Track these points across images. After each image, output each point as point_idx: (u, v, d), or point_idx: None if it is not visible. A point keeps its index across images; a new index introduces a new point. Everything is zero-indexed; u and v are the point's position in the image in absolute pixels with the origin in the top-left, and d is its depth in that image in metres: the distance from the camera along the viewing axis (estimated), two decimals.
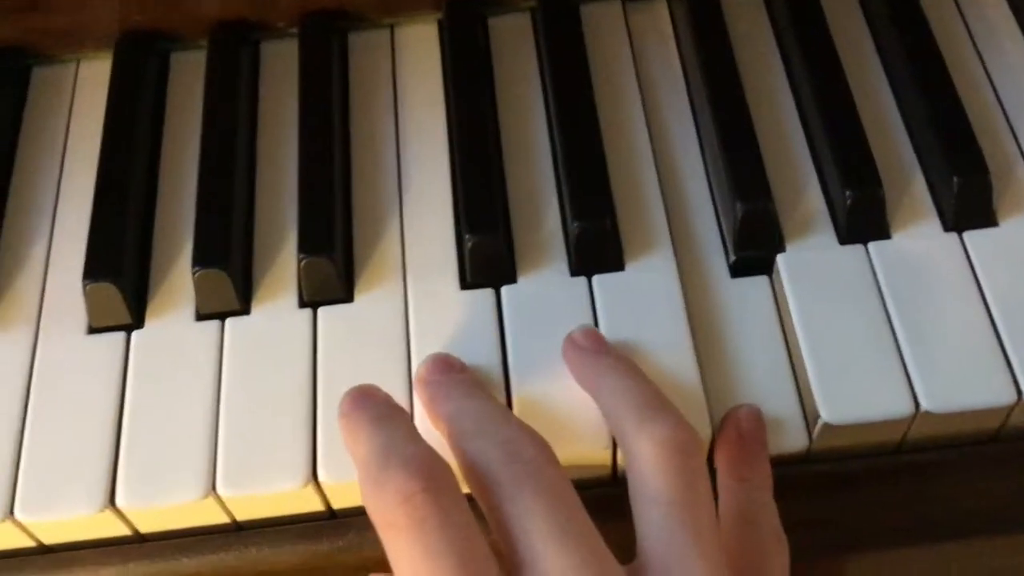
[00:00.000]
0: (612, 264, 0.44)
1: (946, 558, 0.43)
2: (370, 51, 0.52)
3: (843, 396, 0.40)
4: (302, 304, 0.44)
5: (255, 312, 0.44)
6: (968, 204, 0.44)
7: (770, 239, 0.44)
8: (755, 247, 0.44)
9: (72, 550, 0.42)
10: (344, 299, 0.44)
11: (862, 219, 0.44)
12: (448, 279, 0.44)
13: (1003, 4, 0.52)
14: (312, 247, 0.44)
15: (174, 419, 0.41)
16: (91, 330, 0.44)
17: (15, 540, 0.42)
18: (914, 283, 0.43)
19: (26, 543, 0.42)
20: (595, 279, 0.44)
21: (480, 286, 0.44)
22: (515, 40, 0.52)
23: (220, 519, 0.42)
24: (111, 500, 0.40)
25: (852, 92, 0.47)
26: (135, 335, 0.44)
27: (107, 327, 0.44)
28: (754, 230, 0.44)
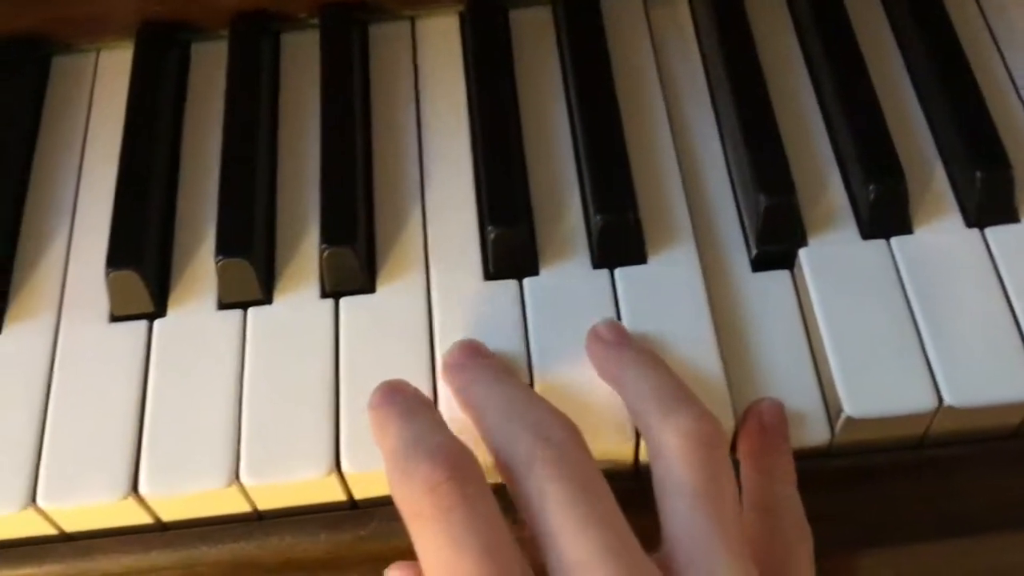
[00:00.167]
0: (634, 257, 0.44)
1: (966, 553, 0.43)
2: (391, 43, 0.52)
3: (866, 390, 0.40)
4: (324, 295, 0.44)
5: (277, 302, 0.44)
6: (990, 199, 0.44)
7: (793, 233, 0.44)
8: (777, 241, 0.44)
9: (93, 538, 0.42)
10: (366, 290, 0.44)
11: (885, 213, 0.44)
12: (471, 271, 0.44)
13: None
14: (335, 238, 0.44)
15: (197, 408, 0.41)
16: (113, 318, 0.44)
17: (37, 528, 0.42)
18: (936, 278, 0.43)
19: (48, 531, 0.42)
20: (617, 272, 0.44)
21: (503, 278, 0.44)
22: (536, 33, 0.52)
23: (242, 508, 0.42)
24: (134, 488, 0.40)
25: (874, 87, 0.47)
26: (157, 323, 0.44)
27: (129, 315, 0.44)
28: (777, 224, 0.44)
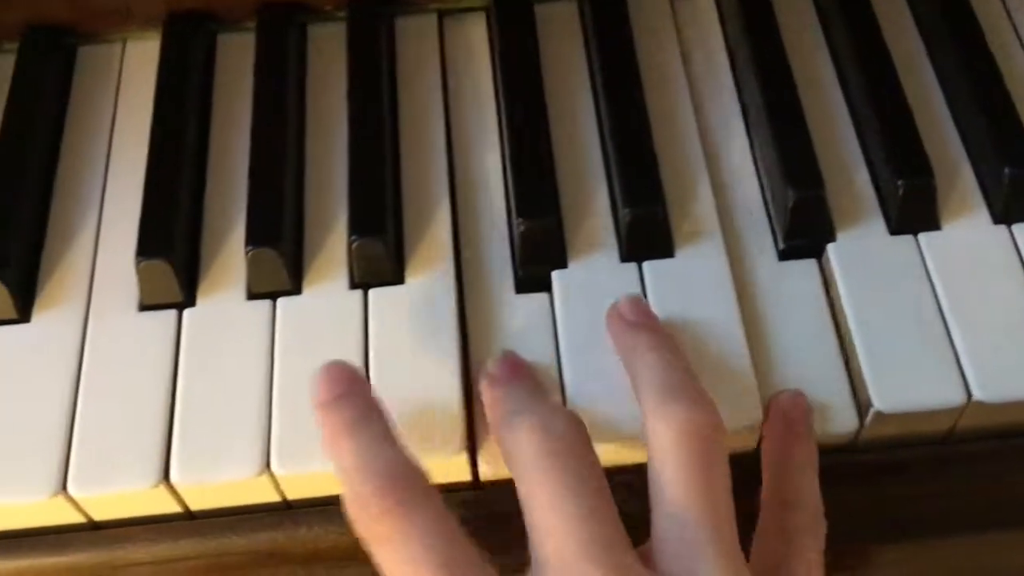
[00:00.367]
0: (662, 251, 0.44)
1: (993, 549, 0.43)
2: (417, 36, 0.52)
3: (895, 385, 0.40)
4: (353, 285, 0.44)
5: (306, 292, 0.44)
6: (1018, 195, 0.44)
7: (821, 227, 0.44)
8: (805, 235, 0.44)
9: (121, 527, 0.42)
10: (395, 281, 0.44)
11: (914, 210, 0.44)
12: (499, 263, 0.45)
13: None
14: (365, 229, 0.44)
15: (227, 397, 0.41)
16: (142, 307, 0.44)
17: (65, 516, 0.42)
18: (964, 274, 0.43)
19: (76, 519, 0.42)
20: (645, 265, 0.44)
21: (532, 270, 0.44)
22: (562, 27, 0.52)
23: (271, 498, 0.42)
24: (165, 476, 0.40)
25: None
26: (187, 313, 0.44)
27: (158, 305, 0.44)
28: (806, 218, 0.44)
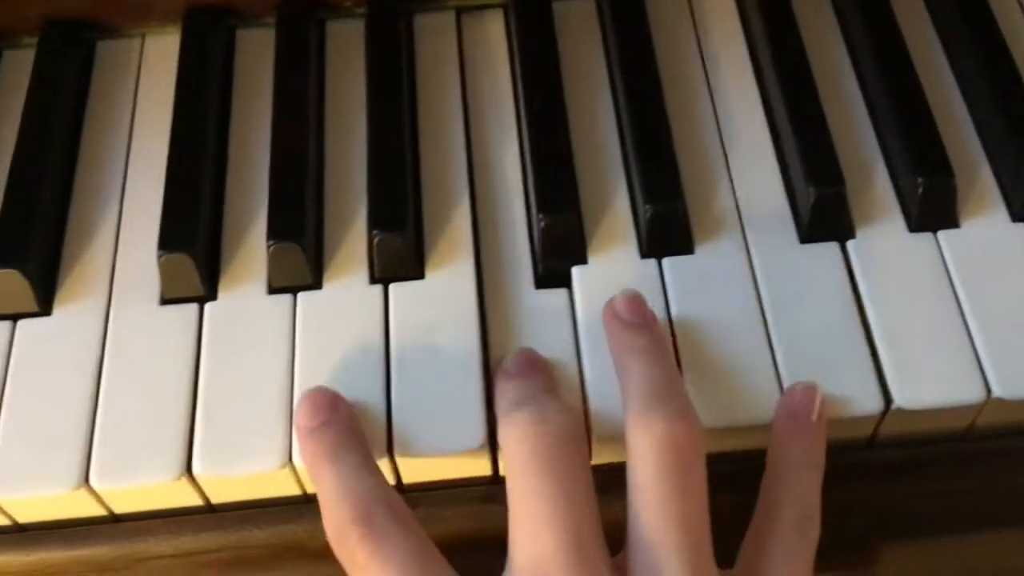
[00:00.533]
0: (682, 247, 0.44)
1: (1012, 546, 0.43)
2: (436, 33, 0.52)
3: (916, 381, 0.41)
4: (373, 280, 0.44)
5: (327, 287, 0.44)
6: None
7: (841, 225, 0.44)
8: (826, 232, 0.44)
9: (140, 519, 0.42)
10: (415, 276, 0.44)
11: (933, 208, 0.44)
12: (520, 258, 0.45)
13: None
14: (385, 223, 0.44)
15: (248, 391, 0.42)
16: (164, 301, 0.44)
17: (87, 509, 0.42)
18: (983, 271, 0.43)
19: (97, 512, 0.42)
20: (665, 262, 0.44)
21: (552, 265, 0.44)
22: (581, 25, 0.52)
23: (292, 491, 0.42)
24: (188, 469, 0.40)
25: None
26: (208, 307, 0.44)
27: (180, 298, 0.44)
28: (827, 215, 0.44)
